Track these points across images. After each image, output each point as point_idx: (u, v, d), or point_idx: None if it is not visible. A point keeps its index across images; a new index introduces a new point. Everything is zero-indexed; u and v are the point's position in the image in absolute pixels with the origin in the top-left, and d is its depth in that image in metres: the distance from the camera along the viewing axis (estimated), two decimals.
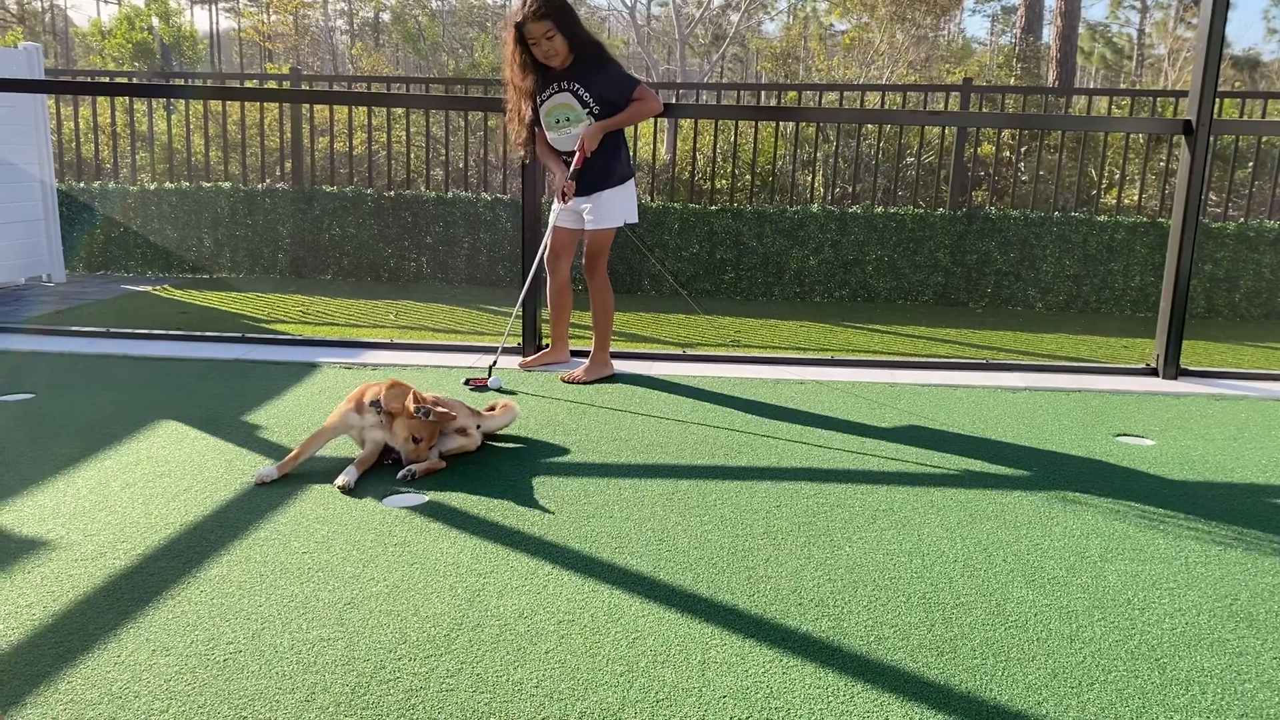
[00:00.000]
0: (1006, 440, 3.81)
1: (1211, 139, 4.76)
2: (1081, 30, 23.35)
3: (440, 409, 3.21)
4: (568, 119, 4.29)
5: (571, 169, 4.29)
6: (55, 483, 3.09)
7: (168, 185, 8.18)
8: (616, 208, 4.38)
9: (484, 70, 11.00)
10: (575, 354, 4.80)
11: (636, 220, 4.50)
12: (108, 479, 3.14)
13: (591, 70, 4.24)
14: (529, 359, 4.74)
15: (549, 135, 4.38)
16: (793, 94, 9.64)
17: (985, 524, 2.97)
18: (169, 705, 1.95)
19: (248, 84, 10.19)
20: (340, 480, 3.11)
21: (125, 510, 2.90)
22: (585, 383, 4.42)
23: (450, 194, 7.94)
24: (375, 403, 3.20)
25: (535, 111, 4.36)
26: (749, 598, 2.46)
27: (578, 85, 4.25)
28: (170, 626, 2.24)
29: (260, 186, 8.16)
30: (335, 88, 10.31)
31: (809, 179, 8.35)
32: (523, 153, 4.61)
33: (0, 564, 2.53)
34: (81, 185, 8.25)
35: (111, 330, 5.30)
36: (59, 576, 2.47)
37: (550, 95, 4.30)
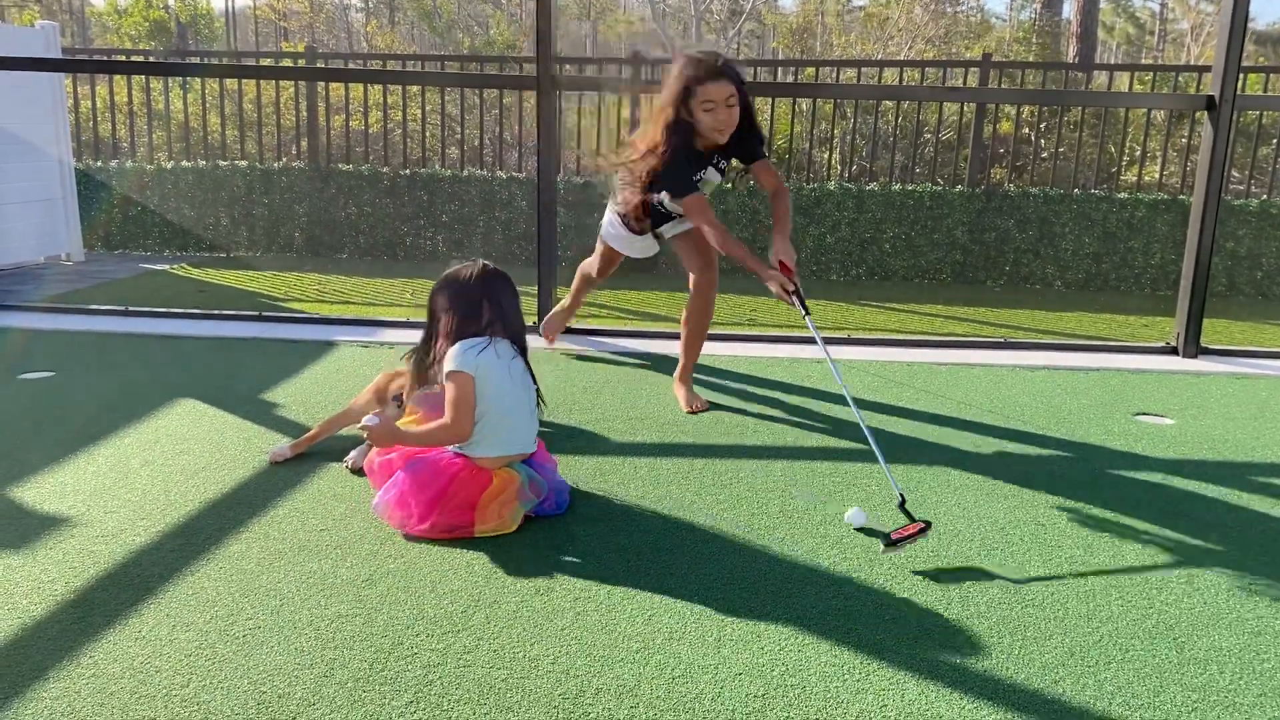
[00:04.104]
0: (1024, 419, 3.79)
1: (1235, 115, 4.69)
2: (1103, 5, 23.06)
3: None
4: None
5: (795, 287, 3.43)
6: (75, 460, 3.12)
7: (184, 164, 8.20)
8: None
9: (499, 47, 10.96)
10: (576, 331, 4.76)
11: None
12: (127, 456, 3.16)
13: (742, 132, 3.52)
14: (550, 334, 4.64)
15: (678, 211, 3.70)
16: (810, 70, 9.57)
17: (1002, 503, 2.96)
18: (189, 680, 1.96)
19: (263, 62, 10.19)
20: (350, 460, 3.11)
21: (145, 487, 2.92)
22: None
23: (466, 172, 7.93)
24: (398, 397, 3.17)
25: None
26: (764, 576, 2.46)
27: (721, 159, 3.62)
28: (190, 602, 2.26)
29: (276, 165, 8.17)
30: (351, 65, 10.29)
31: (826, 156, 8.29)
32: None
33: (22, 540, 2.56)
34: (99, 164, 8.28)
35: (130, 309, 5.33)
36: (80, 552, 2.50)
37: (703, 176, 3.58)
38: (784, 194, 3.66)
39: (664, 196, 3.62)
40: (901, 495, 2.81)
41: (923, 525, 2.64)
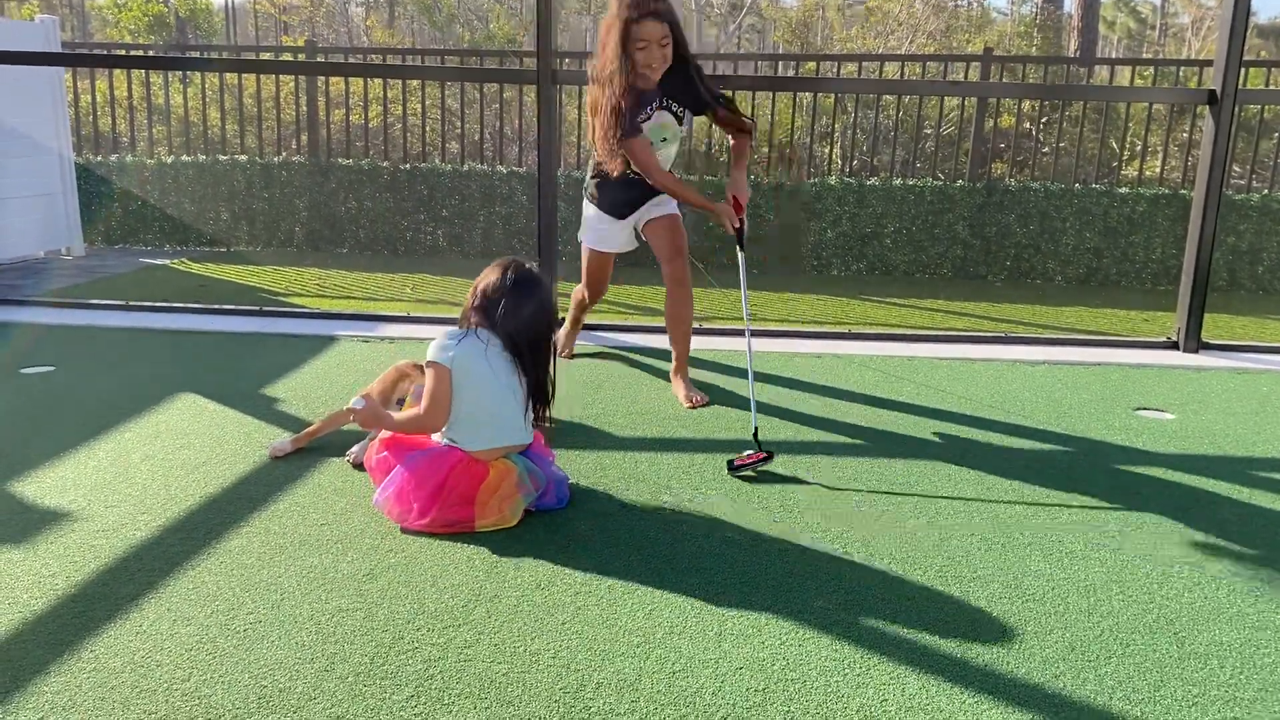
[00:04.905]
0: (1025, 414, 3.79)
1: (1236, 109, 4.69)
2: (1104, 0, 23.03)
3: None
4: (664, 139, 3.83)
5: (741, 224, 3.70)
6: (76, 454, 3.12)
7: (185, 158, 8.19)
8: None
9: (499, 41, 10.94)
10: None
11: None
12: (128, 451, 3.16)
13: (688, 77, 3.72)
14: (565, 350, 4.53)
15: None
16: (810, 65, 9.55)
17: (1002, 498, 2.96)
18: (190, 674, 1.97)
19: (263, 56, 10.18)
20: (351, 455, 3.11)
21: (145, 482, 2.92)
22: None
23: (466, 167, 7.92)
24: (401, 400, 3.15)
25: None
26: (765, 570, 2.46)
27: (672, 101, 3.76)
28: (191, 597, 2.26)
29: (276, 159, 8.16)
30: (351, 60, 10.28)
31: (826, 151, 8.28)
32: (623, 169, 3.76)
33: (23, 535, 2.56)
34: (99, 158, 8.27)
35: (130, 303, 5.32)
36: (81, 547, 2.50)
37: (649, 116, 3.73)
38: (745, 137, 3.91)
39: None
40: (756, 428, 3.29)
41: (765, 455, 3.13)
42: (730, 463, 3.09)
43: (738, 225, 3.68)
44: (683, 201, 3.83)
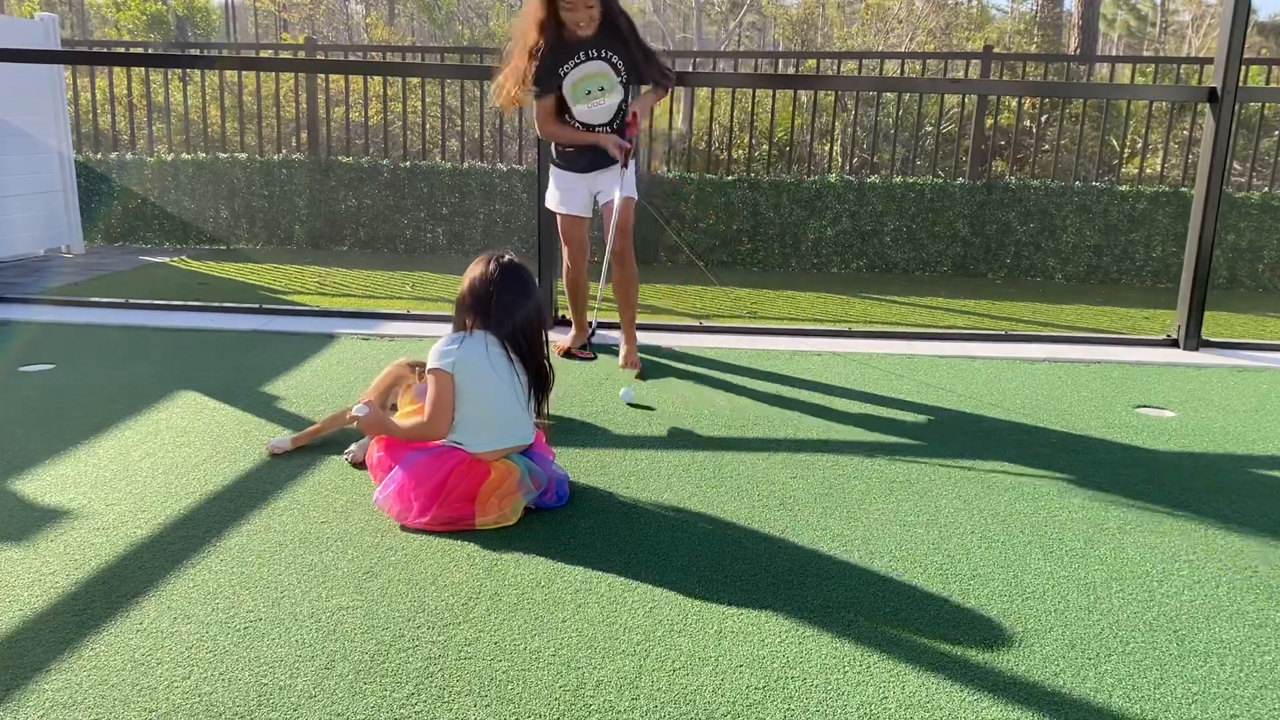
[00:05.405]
0: (1025, 411, 3.79)
1: (1237, 107, 4.68)
2: None
3: None
4: (601, 88, 4.03)
5: (627, 137, 4.08)
6: (76, 452, 3.12)
7: (185, 156, 8.19)
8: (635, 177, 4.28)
9: (499, 39, 10.93)
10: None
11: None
12: (128, 449, 3.16)
13: (622, 37, 4.01)
14: (573, 347, 4.54)
15: (576, 108, 4.06)
16: (811, 62, 9.55)
17: (1003, 495, 2.96)
18: (190, 672, 1.97)
19: (263, 54, 10.17)
20: (350, 453, 3.11)
21: (146, 480, 2.92)
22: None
23: (466, 165, 7.92)
24: (394, 406, 3.13)
25: (545, 81, 4.02)
26: (765, 568, 2.46)
27: (609, 53, 4.00)
28: (191, 594, 2.27)
29: (276, 157, 8.16)
30: (351, 57, 10.27)
31: (827, 149, 8.28)
32: (506, 111, 4.40)
33: (23, 532, 2.56)
34: (99, 156, 8.27)
35: (130, 301, 5.32)
36: (81, 545, 2.50)
37: (577, 64, 3.99)
38: (664, 92, 4.34)
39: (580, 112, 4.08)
40: (594, 328, 4.22)
41: (592, 356, 4.07)
42: (567, 351, 4.17)
43: (627, 146, 4.07)
44: (570, 142, 4.14)
